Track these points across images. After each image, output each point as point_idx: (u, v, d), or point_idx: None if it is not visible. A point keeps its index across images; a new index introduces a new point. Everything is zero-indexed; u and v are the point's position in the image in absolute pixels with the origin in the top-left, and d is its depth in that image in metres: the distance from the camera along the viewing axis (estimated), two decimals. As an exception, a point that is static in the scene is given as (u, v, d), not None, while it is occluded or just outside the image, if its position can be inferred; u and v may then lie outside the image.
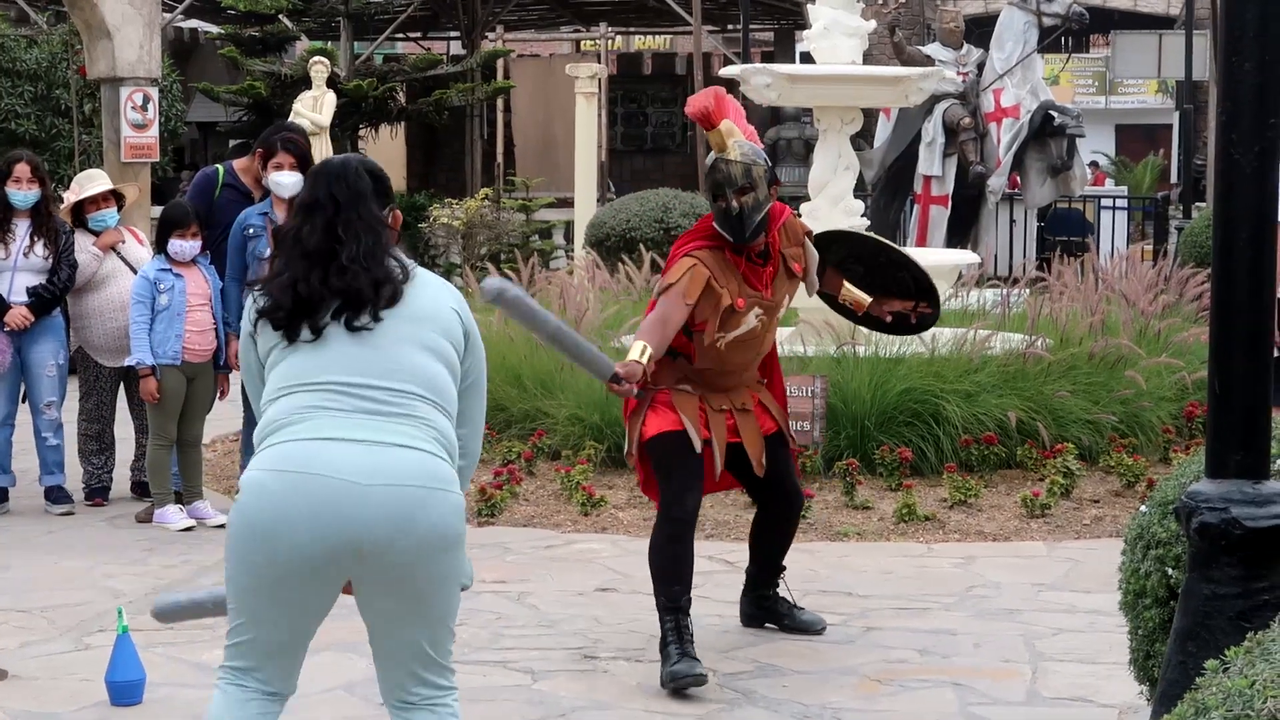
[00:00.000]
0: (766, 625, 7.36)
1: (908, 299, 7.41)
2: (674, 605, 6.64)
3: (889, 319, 7.44)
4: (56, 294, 9.85)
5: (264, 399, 4.48)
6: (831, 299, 7.43)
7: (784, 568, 7.38)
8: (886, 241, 7.67)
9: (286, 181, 9.31)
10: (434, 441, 4.39)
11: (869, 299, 7.36)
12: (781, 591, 7.41)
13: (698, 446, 6.72)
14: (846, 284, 7.33)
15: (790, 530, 7.35)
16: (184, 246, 9.45)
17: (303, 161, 9.37)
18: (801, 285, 7.14)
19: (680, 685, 6.43)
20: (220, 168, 10.22)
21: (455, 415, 4.53)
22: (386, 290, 4.44)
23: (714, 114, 6.70)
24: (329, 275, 4.42)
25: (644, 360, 6.42)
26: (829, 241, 7.28)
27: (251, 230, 9.40)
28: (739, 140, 6.74)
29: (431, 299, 4.54)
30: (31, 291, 9.77)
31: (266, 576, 4.31)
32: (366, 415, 4.34)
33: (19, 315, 9.75)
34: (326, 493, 4.23)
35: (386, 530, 4.24)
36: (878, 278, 7.41)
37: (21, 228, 9.83)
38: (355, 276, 4.42)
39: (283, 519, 4.25)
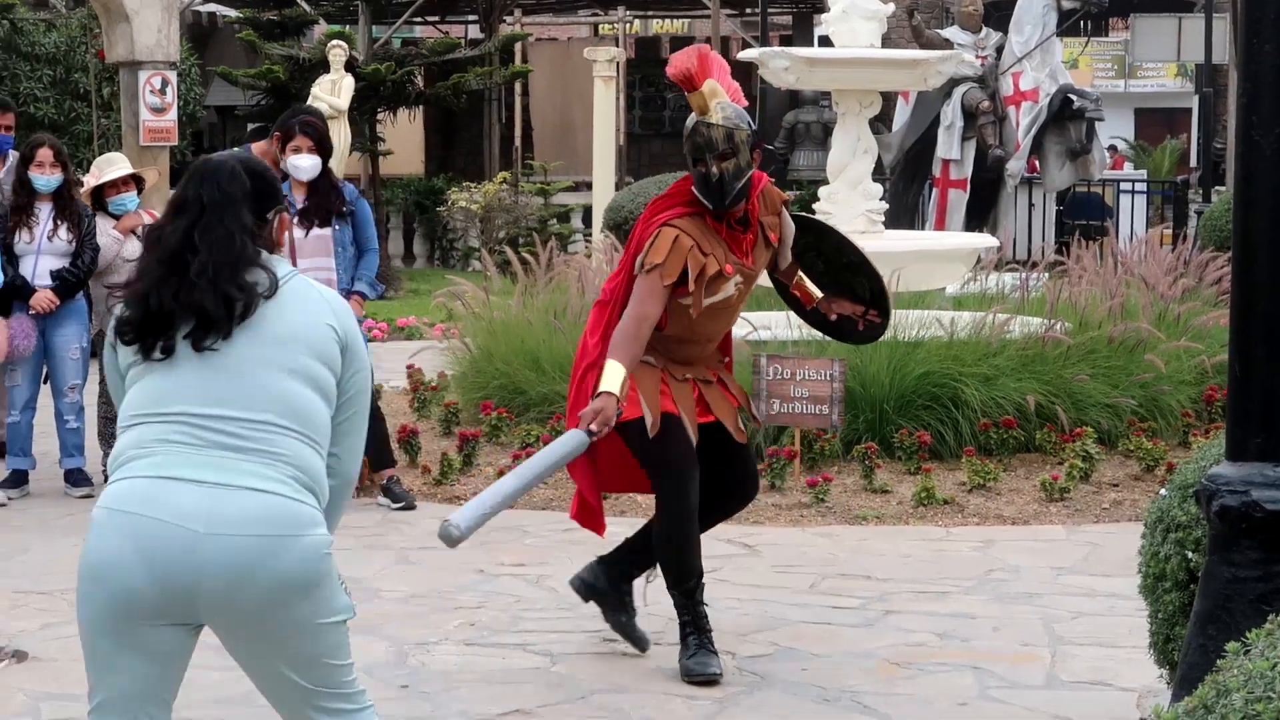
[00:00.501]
0: (595, 607, 6.94)
1: (859, 305, 7.08)
2: (689, 599, 6.55)
3: (834, 318, 7.10)
4: (80, 277, 9.87)
5: (119, 423, 4.24)
6: (784, 287, 7.13)
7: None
8: (852, 241, 7.32)
9: (305, 164, 9.34)
10: (290, 481, 4.06)
11: (820, 294, 7.04)
12: (638, 585, 6.96)
13: (651, 431, 6.37)
14: (801, 274, 7.02)
15: (724, 518, 6.98)
16: (203, 230, 9.44)
17: (321, 144, 9.41)
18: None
19: (693, 681, 6.41)
20: (238, 152, 10.23)
21: (325, 444, 4.20)
22: (238, 307, 4.08)
23: (697, 75, 6.39)
24: (181, 289, 4.09)
25: (620, 391, 6.11)
26: (797, 228, 6.97)
27: None
28: (722, 102, 6.46)
29: (303, 315, 4.19)
30: (55, 275, 9.79)
31: (105, 617, 4.03)
32: (217, 450, 4.04)
33: (44, 298, 9.77)
34: (162, 537, 3.96)
35: (224, 583, 3.97)
36: (834, 278, 7.09)
37: (44, 212, 9.85)
38: (202, 292, 4.07)
39: (116, 560, 3.98)
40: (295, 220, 9.32)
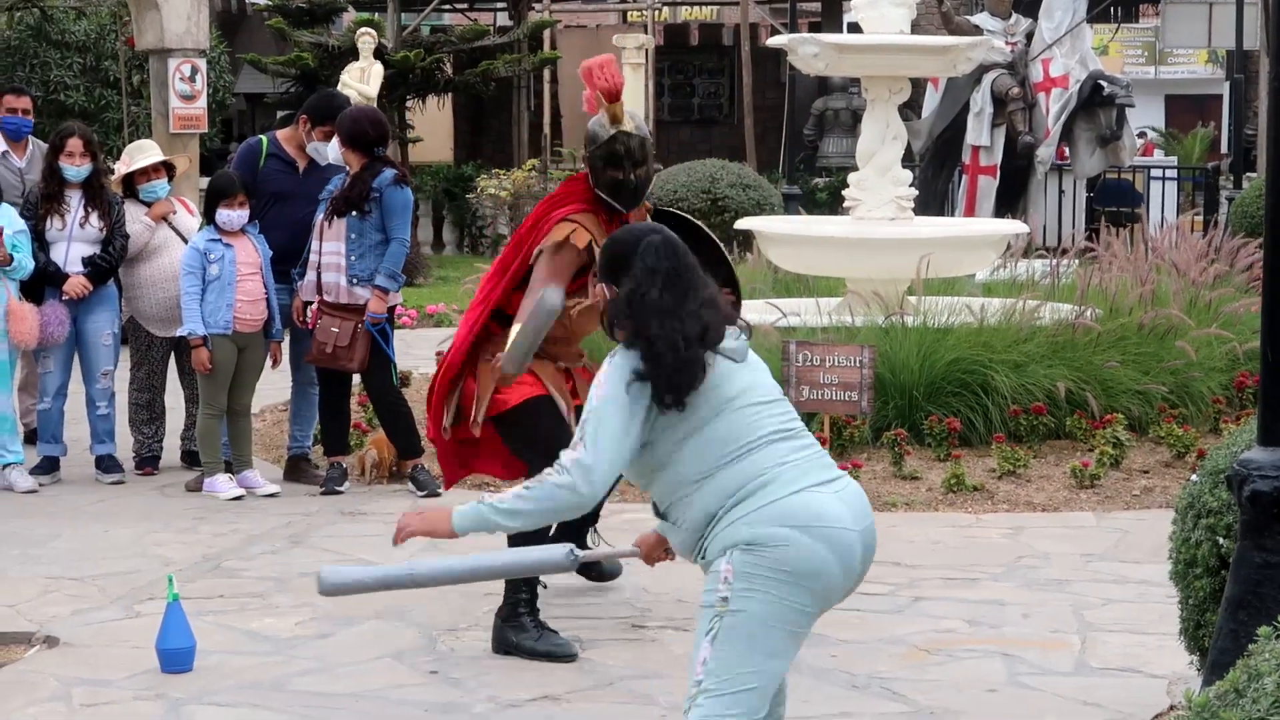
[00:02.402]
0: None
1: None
2: (537, 578, 6.79)
3: None
4: (112, 264, 9.89)
5: (720, 459, 4.59)
6: None
7: (598, 519, 7.47)
8: (699, 226, 7.41)
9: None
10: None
11: None
12: (590, 541, 7.51)
13: (564, 412, 6.79)
14: None
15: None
16: (232, 216, 9.48)
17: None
18: None
19: (561, 659, 6.58)
20: (264, 138, 10.24)
21: None
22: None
23: (621, 87, 6.84)
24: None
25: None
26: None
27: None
28: (631, 112, 6.94)
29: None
30: (87, 261, 9.81)
31: (808, 616, 4.56)
32: (803, 452, 4.62)
33: (78, 284, 9.79)
34: (847, 544, 4.51)
35: (867, 564, 4.63)
36: None
37: (75, 199, 9.87)
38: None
39: (826, 568, 4.49)
40: (330, 205, 9.37)
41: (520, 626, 6.68)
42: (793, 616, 4.53)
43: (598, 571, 7.54)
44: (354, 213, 9.28)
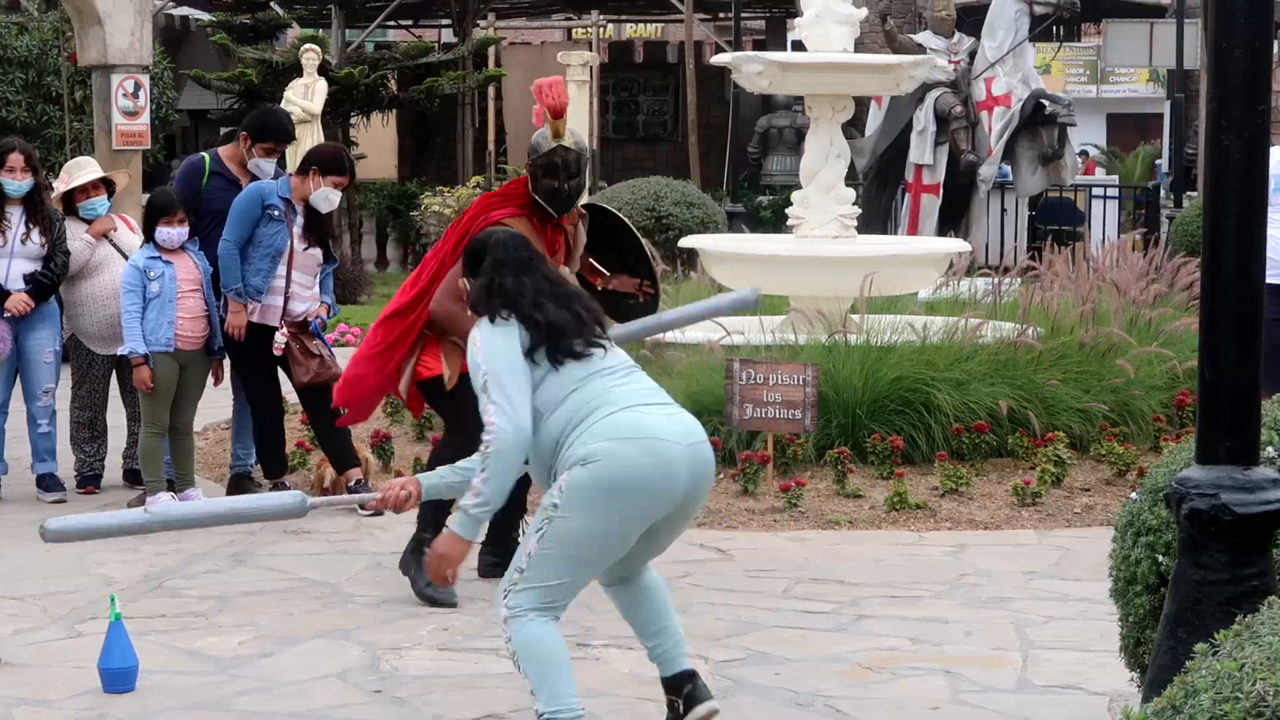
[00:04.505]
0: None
1: (635, 279, 8.26)
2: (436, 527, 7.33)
3: (611, 286, 8.14)
4: (53, 280, 9.83)
5: (556, 393, 5.36)
6: (578, 276, 7.96)
7: (525, 511, 8.03)
8: (621, 218, 8.54)
9: (336, 199, 9.56)
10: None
11: (607, 274, 8.17)
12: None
13: (449, 384, 7.58)
14: (591, 260, 8.12)
15: None
16: (172, 234, 9.44)
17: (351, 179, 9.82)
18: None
19: (440, 604, 7.48)
20: (206, 156, 10.22)
21: None
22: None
23: (565, 106, 7.60)
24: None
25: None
26: (599, 217, 8.23)
27: (275, 213, 9.42)
28: (573, 129, 7.71)
29: None
30: (29, 278, 9.75)
31: (641, 519, 5.30)
32: (639, 383, 5.45)
33: (20, 301, 9.72)
34: (669, 454, 5.26)
35: (702, 477, 5.38)
36: (603, 256, 8.20)
37: (15, 216, 9.80)
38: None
39: (650, 474, 5.23)
40: (299, 233, 9.41)
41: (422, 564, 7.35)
42: (616, 528, 5.27)
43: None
44: (320, 246, 9.59)
